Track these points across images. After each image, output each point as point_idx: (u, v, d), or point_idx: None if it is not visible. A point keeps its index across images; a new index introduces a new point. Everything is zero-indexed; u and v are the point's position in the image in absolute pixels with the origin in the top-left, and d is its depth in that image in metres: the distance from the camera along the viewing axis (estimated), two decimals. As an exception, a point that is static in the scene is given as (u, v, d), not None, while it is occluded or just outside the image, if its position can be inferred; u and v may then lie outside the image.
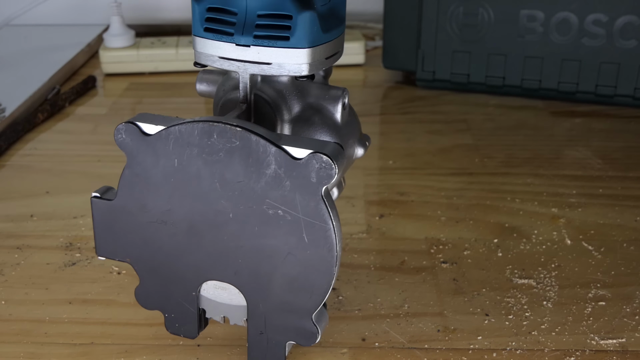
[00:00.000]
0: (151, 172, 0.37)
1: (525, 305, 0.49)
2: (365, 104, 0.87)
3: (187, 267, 0.39)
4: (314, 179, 0.34)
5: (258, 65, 0.38)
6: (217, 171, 0.36)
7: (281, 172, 0.34)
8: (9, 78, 0.90)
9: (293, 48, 0.37)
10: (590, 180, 0.67)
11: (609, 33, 0.81)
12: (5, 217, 0.60)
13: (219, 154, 0.35)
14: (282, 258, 0.37)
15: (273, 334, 0.39)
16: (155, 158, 0.36)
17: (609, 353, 0.44)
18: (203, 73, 0.45)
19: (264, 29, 0.37)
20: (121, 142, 0.37)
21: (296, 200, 0.35)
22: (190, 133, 0.35)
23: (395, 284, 0.51)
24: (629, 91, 0.83)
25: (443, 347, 0.45)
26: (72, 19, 1.14)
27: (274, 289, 0.38)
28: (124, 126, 0.36)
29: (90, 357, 0.44)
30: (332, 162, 0.33)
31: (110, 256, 0.40)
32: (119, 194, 0.38)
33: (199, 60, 0.39)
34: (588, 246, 0.56)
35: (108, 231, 0.39)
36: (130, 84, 0.93)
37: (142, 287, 0.41)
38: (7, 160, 0.71)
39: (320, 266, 0.36)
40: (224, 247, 0.37)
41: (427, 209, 0.62)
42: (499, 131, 0.78)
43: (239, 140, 0.34)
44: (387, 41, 0.91)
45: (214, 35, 0.38)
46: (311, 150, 0.34)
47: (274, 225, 0.36)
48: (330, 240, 0.35)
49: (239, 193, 0.36)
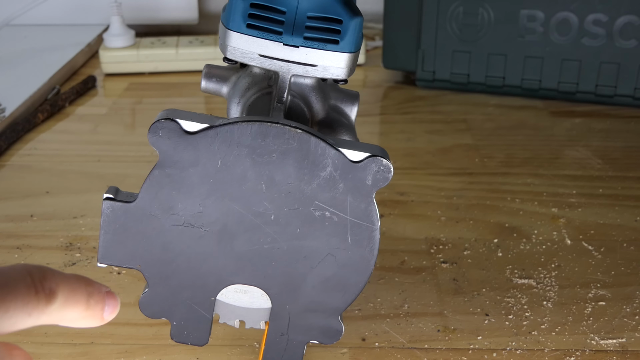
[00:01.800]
0: (187, 173, 0.35)
1: (525, 305, 0.49)
2: (365, 104, 0.87)
3: (209, 272, 0.37)
4: (370, 182, 0.35)
5: (303, 66, 0.37)
6: (266, 172, 0.35)
7: (337, 174, 0.35)
8: (9, 78, 0.90)
9: (340, 52, 0.37)
10: (590, 180, 0.67)
11: (609, 33, 0.81)
12: (5, 217, 0.60)
13: (272, 155, 0.34)
14: (320, 259, 0.37)
15: (295, 335, 0.39)
16: (195, 157, 0.34)
17: (609, 353, 0.44)
18: (210, 68, 0.43)
19: (314, 31, 0.37)
20: (157, 140, 0.34)
21: (347, 202, 0.35)
22: (243, 133, 0.34)
23: (395, 284, 0.51)
24: (629, 91, 0.83)
25: (443, 347, 0.45)
26: (72, 19, 1.14)
27: (305, 290, 0.37)
28: (163, 123, 0.34)
29: (90, 357, 0.44)
30: (391, 166, 0.35)
31: (116, 263, 0.37)
32: (142, 196, 0.35)
33: (232, 56, 0.38)
34: (588, 246, 0.56)
35: (119, 236, 0.36)
36: (130, 84, 0.93)
37: (149, 295, 0.38)
38: (7, 160, 0.71)
39: (359, 265, 0.37)
40: (258, 250, 0.37)
41: (427, 209, 0.62)
42: (499, 131, 0.78)
43: (297, 142, 0.34)
44: (387, 41, 0.91)
45: (259, 33, 0.37)
46: (369, 153, 0.35)
47: (318, 226, 0.36)
48: (374, 240, 0.36)
49: (285, 195, 0.35)
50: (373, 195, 0.35)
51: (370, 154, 0.35)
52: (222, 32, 0.38)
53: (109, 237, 0.36)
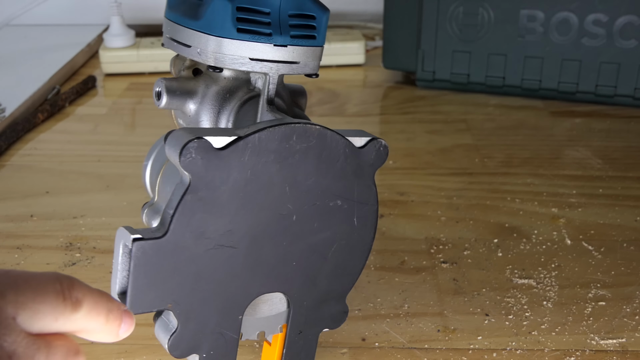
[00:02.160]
0: (218, 192, 0.32)
1: (525, 305, 0.49)
2: (365, 104, 0.87)
3: (236, 290, 0.35)
4: (371, 163, 0.37)
5: (289, 65, 0.38)
6: (290, 174, 0.34)
7: (347, 163, 0.36)
8: (9, 78, 0.90)
9: (317, 47, 0.38)
10: (590, 180, 0.67)
11: (609, 33, 0.81)
12: (5, 217, 0.60)
13: (295, 155, 0.34)
14: (332, 248, 0.37)
15: (310, 328, 0.39)
16: (227, 173, 0.32)
17: (609, 353, 0.44)
18: (169, 82, 0.39)
19: (297, 28, 0.37)
20: (189, 163, 0.31)
21: (354, 186, 0.37)
22: (270, 139, 0.33)
23: (395, 284, 0.51)
24: (629, 91, 0.83)
25: (443, 347, 0.45)
26: (72, 19, 1.14)
27: (319, 282, 0.38)
28: (194, 144, 0.31)
29: (90, 357, 0.44)
30: (387, 145, 0.37)
31: (149, 309, 0.33)
32: (174, 228, 0.32)
33: (222, 64, 0.37)
34: (588, 246, 0.56)
35: (150, 278, 0.32)
36: (130, 84, 0.93)
37: (179, 334, 0.35)
38: (7, 160, 0.71)
39: (361, 246, 0.38)
40: (282, 253, 0.36)
41: (427, 209, 0.62)
42: (499, 131, 0.78)
43: (316, 139, 0.34)
44: (387, 41, 0.91)
45: (250, 36, 0.36)
46: (369, 137, 0.36)
47: (332, 217, 0.36)
48: (374, 217, 0.38)
49: (306, 192, 0.35)
50: (373, 175, 0.37)
51: (371, 137, 0.36)
52: (198, 39, 0.37)
53: (140, 282, 0.32)
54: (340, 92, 0.90)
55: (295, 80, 0.47)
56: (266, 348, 0.41)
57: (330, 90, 0.91)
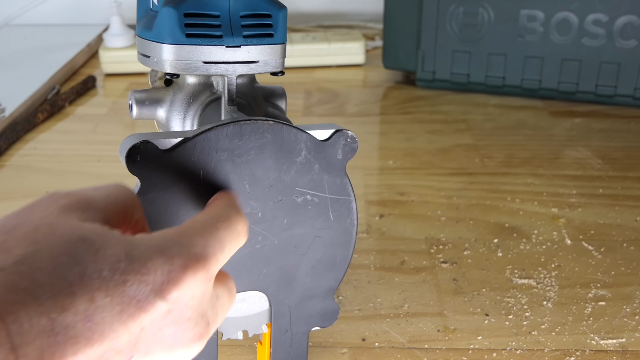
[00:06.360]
0: (170, 192, 0.33)
1: (525, 305, 0.49)
2: (365, 104, 0.87)
3: None
4: (340, 156, 0.36)
5: (247, 65, 0.38)
6: (247, 171, 0.34)
7: (311, 156, 0.35)
8: (9, 78, 0.90)
9: (276, 44, 0.39)
10: (590, 180, 0.67)
11: (609, 33, 0.81)
12: (5, 217, 0.60)
13: (250, 152, 0.34)
14: (309, 244, 0.37)
15: (297, 327, 0.39)
16: (178, 174, 0.33)
17: (609, 353, 0.44)
18: (138, 93, 0.41)
19: (250, 28, 0.37)
20: (136, 167, 0.32)
21: (324, 181, 0.36)
22: (220, 137, 0.33)
23: (395, 284, 0.51)
24: (629, 91, 0.83)
25: (443, 347, 0.45)
26: (72, 19, 1.14)
27: (299, 279, 0.38)
28: (140, 148, 0.32)
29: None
30: (355, 136, 0.36)
31: None
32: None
33: (175, 70, 0.37)
34: (588, 246, 0.56)
35: None
36: (130, 84, 0.93)
37: None
38: (7, 160, 0.71)
39: (343, 239, 0.38)
40: (252, 252, 0.36)
41: (427, 209, 0.62)
42: (499, 131, 0.78)
43: (271, 134, 0.34)
44: (387, 41, 0.91)
45: (200, 40, 0.37)
46: (333, 129, 0.36)
47: (302, 212, 0.36)
48: (352, 211, 0.38)
49: (268, 189, 0.35)
50: (344, 168, 0.37)
51: (335, 129, 0.36)
52: (154, 49, 0.37)
53: None
54: (340, 92, 0.90)
55: (269, 81, 0.46)
56: (259, 348, 0.41)
57: (330, 90, 0.91)
